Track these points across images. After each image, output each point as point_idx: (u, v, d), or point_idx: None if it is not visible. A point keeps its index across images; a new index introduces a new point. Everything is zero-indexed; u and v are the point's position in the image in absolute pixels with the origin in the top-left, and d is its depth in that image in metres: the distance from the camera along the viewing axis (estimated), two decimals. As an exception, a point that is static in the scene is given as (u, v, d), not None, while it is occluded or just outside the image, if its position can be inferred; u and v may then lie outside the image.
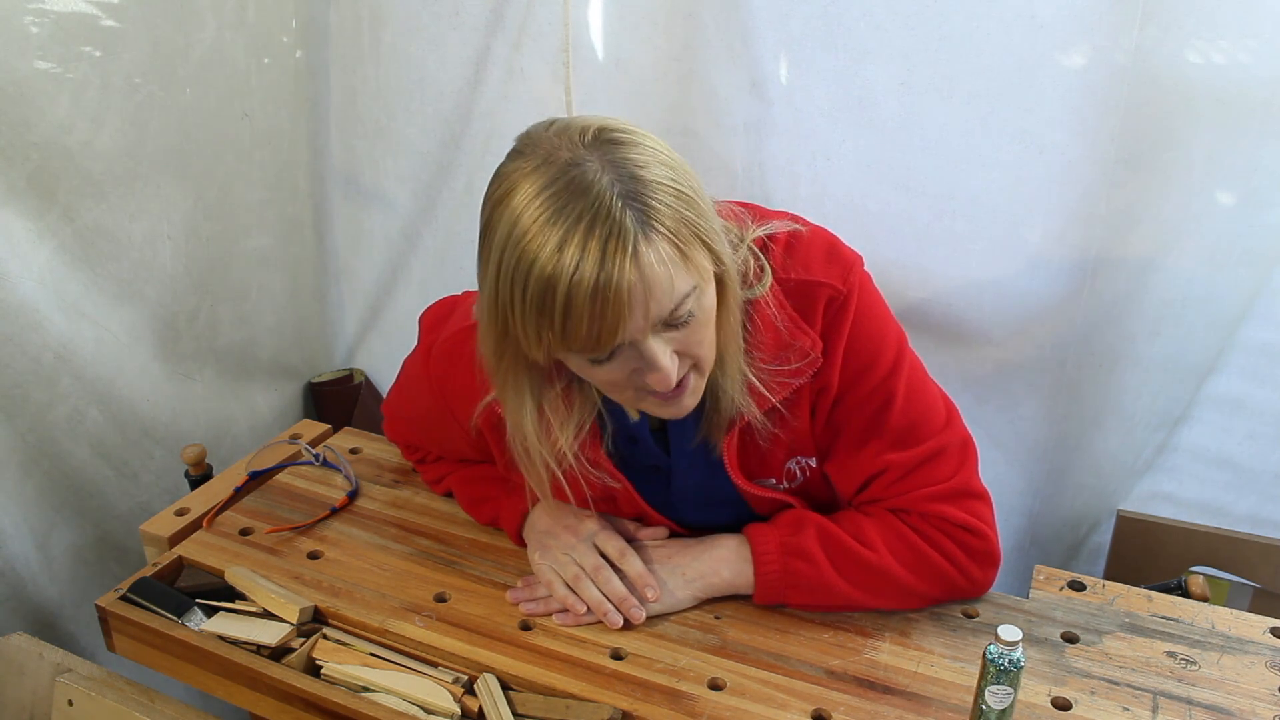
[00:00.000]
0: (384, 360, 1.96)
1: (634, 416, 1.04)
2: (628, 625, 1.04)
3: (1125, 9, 1.21)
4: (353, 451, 1.39)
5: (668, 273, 0.83)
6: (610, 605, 1.04)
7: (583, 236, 0.80)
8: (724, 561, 1.06)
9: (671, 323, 0.86)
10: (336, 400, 1.94)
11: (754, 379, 0.97)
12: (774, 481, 1.07)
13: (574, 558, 1.08)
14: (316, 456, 1.36)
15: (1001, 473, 1.53)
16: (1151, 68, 1.23)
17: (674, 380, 0.88)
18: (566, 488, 1.01)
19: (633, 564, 1.06)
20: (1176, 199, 1.29)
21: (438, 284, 1.78)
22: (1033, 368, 1.47)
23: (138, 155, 1.44)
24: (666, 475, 1.09)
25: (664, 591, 1.06)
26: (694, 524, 1.13)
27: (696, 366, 0.92)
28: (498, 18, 1.54)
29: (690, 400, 0.94)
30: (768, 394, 0.98)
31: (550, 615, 1.06)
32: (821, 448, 1.07)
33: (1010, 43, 1.27)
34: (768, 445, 1.03)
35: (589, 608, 1.05)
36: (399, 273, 1.84)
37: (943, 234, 1.41)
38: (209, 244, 1.60)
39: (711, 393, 0.98)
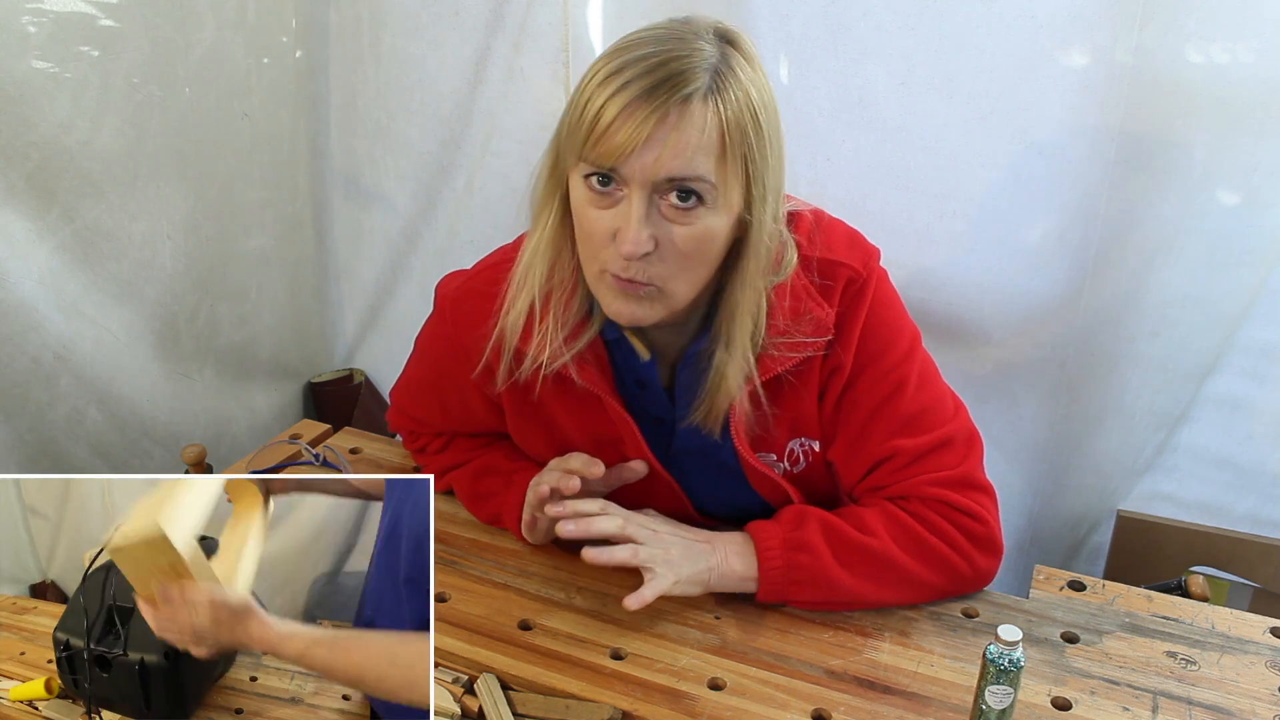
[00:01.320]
0: (384, 360, 1.96)
1: (639, 334, 1.03)
2: (626, 626, 1.04)
3: (1125, 9, 1.21)
4: (353, 451, 1.39)
5: (700, 140, 0.85)
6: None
7: (657, 63, 0.84)
8: (736, 555, 1.05)
9: (677, 197, 0.87)
10: (336, 400, 1.94)
11: (763, 351, 0.98)
12: (774, 458, 1.07)
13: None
14: (316, 456, 1.36)
15: (1001, 473, 1.53)
16: (1152, 68, 1.23)
17: (638, 248, 0.87)
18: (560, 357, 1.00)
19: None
20: (1176, 199, 1.29)
21: (447, 273, 1.78)
22: (1033, 368, 1.47)
23: (138, 155, 1.44)
24: (670, 431, 1.09)
25: (693, 572, 1.02)
26: (696, 492, 1.13)
27: (664, 288, 0.92)
28: (498, 18, 1.54)
29: (641, 311, 0.93)
30: (776, 363, 0.99)
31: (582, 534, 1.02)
32: (828, 433, 1.07)
33: (1010, 43, 1.27)
34: (772, 418, 1.03)
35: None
36: (399, 273, 1.84)
37: (943, 234, 1.41)
38: (209, 244, 1.60)
39: (716, 370, 0.98)
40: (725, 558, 1.06)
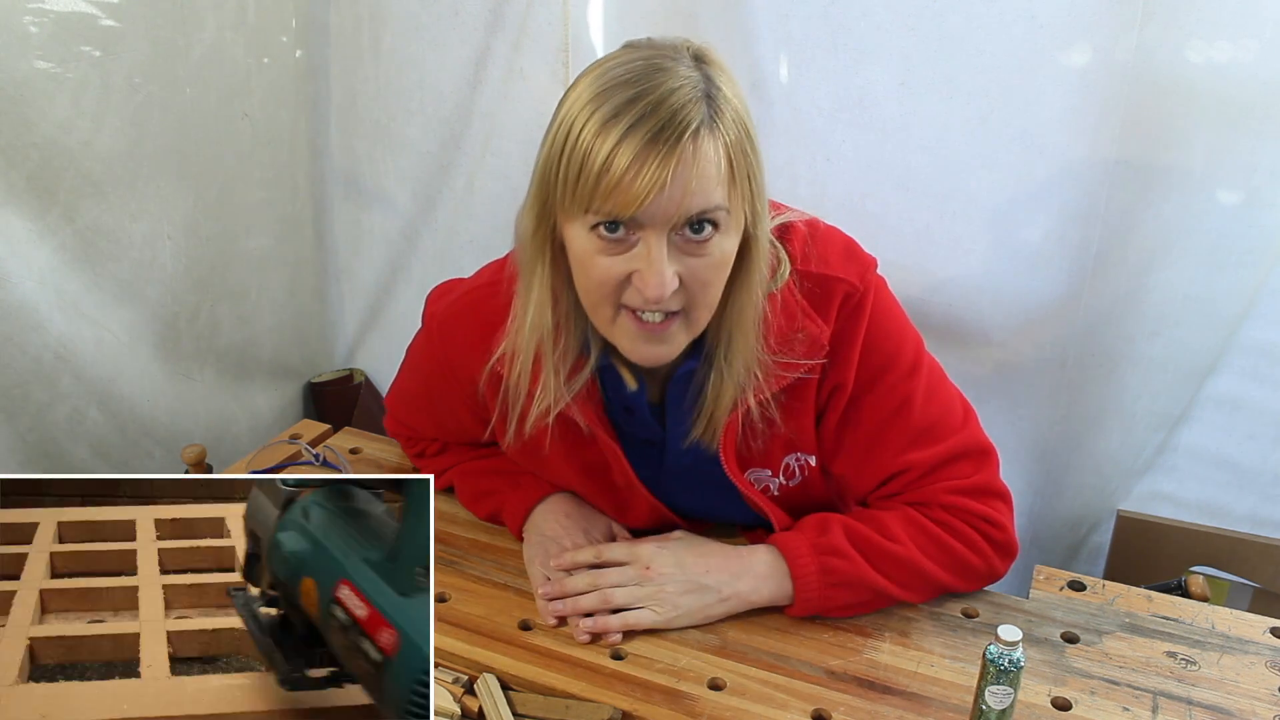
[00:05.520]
0: (384, 360, 1.96)
1: (627, 363, 1.01)
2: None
3: (1125, 8, 1.21)
4: (353, 451, 1.39)
5: (715, 172, 0.84)
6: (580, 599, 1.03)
7: (654, 102, 0.81)
8: (763, 579, 1.04)
9: (693, 231, 0.85)
10: (336, 400, 1.94)
11: (757, 370, 0.97)
12: (769, 474, 1.07)
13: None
14: (316, 456, 1.36)
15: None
16: (1152, 67, 1.23)
17: (666, 290, 0.85)
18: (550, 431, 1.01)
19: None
20: (1176, 199, 1.29)
21: (438, 284, 1.78)
22: (1033, 368, 1.47)
23: (138, 155, 1.44)
24: (660, 451, 1.08)
25: (697, 606, 1.04)
26: (685, 510, 1.12)
27: (688, 316, 0.90)
28: (498, 18, 1.54)
29: (667, 349, 0.92)
30: (770, 381, 0.97)
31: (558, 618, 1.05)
32: (829, 447, 1.06)
33: (1010, 43, 1.27)
34: (767, 436, 1.02)
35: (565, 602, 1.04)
36: (399, 273, 1.84)
37: (943, 234, 1.41)
38: (209, 244, 1.60)
39: (713, 386, 0.97)
40: (755, 584, 1.04)
